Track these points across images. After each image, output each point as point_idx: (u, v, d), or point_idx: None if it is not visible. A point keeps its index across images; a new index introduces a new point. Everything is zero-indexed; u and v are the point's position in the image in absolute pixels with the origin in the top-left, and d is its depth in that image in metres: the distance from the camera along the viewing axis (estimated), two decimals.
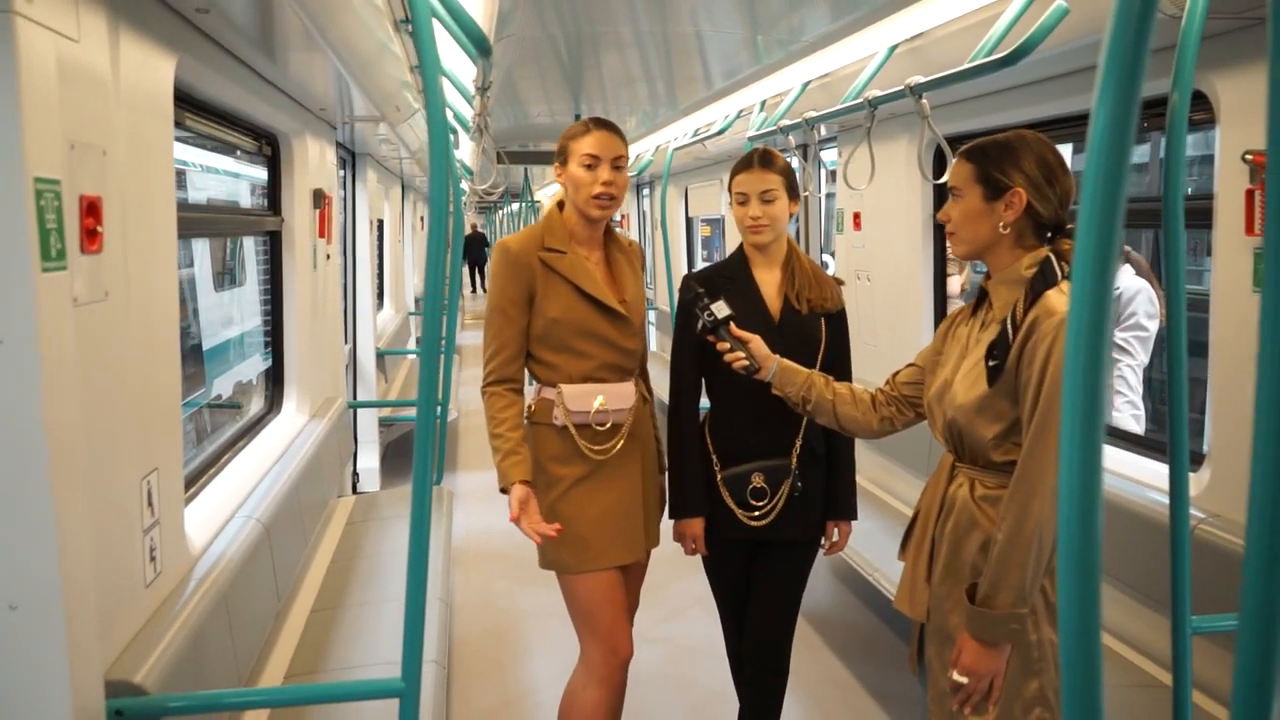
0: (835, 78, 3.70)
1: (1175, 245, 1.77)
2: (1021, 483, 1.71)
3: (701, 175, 7.70)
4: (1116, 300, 3.93)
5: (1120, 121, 0.81)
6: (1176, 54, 1.72)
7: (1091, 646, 0.84)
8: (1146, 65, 0.84)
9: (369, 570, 3.31)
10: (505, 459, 2.26)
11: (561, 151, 2.35)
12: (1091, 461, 0.86)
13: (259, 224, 3.66)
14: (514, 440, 2.28)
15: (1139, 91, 0.83)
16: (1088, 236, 0.82)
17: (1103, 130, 0.81)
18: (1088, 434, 0.85)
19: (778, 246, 2.47)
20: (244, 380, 4.34)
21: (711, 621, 3.98)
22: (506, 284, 2.31)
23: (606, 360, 2.35)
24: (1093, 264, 0.81)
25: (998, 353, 1.77)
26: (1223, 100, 2.41)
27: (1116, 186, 0.83)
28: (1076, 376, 0.84)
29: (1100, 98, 0.83)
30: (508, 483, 2.25)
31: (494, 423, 2.30)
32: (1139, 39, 0.82)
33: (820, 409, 2.18)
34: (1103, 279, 0.84)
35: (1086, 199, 0.83)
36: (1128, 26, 0.82)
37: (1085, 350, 0.82)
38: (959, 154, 1.88)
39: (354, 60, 2.94)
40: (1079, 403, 0.85)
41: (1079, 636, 0.84)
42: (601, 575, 2.35)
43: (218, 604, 2.15)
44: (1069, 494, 0.87)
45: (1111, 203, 0.82)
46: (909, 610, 1.96)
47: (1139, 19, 0.80)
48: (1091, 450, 0.86)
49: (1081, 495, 0.85)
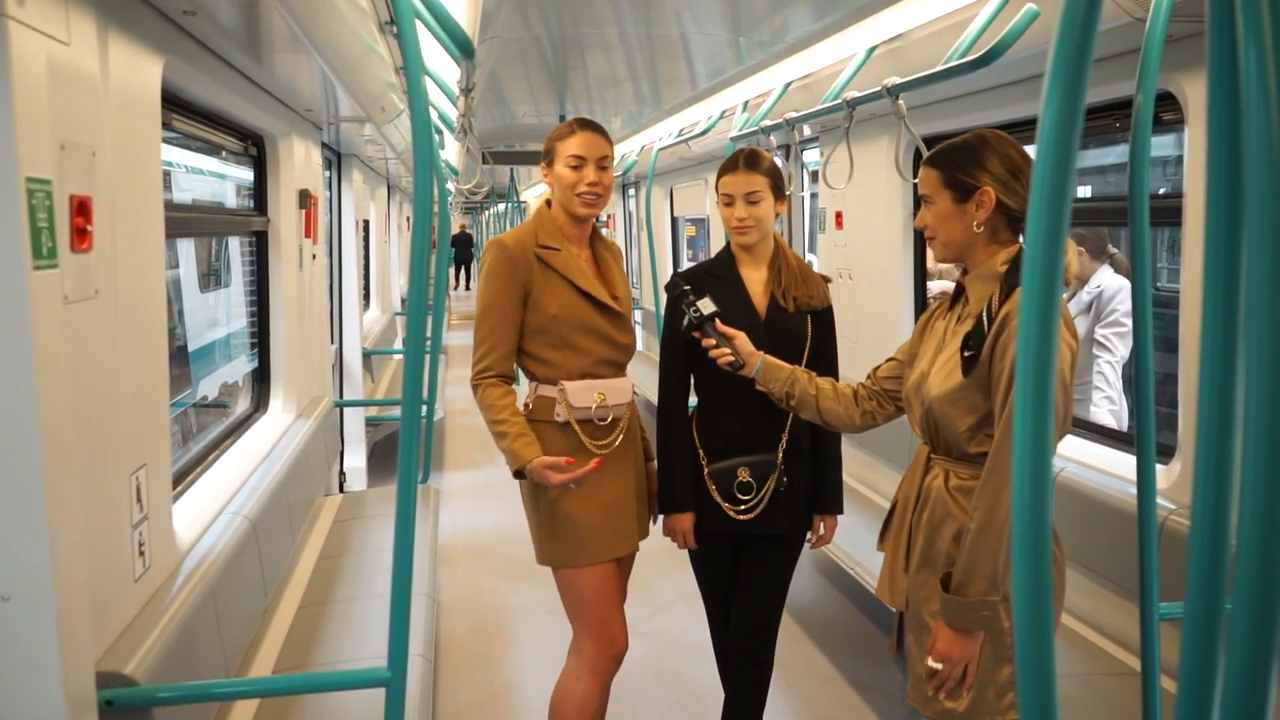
0: (816, 78, 3.74)
1: (1141, 243, 1.82)
2: (993, 474, 1.76)
3: (686, 175, 7.75)
4: (1097, 298, 3.99)
5: (1066, 121, 0.85)
6: (1141, 56, 1.77)
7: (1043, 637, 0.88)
8: (1090, 66, 0.88)
9: (356, 567, 3.34)
10: (515, 441, 2.27)
11: (548, 153, 2.39)
12: (1041, 456, 0.90)
13: (245, 224, 3.68)
14: (520, 424, 2.30)
15: (1084, 91, 0.87)
16: (1036, 235, 0.86)
17: (1050, 130, 0.85)
18: (1038, 429, 0.89)
19: (764, 245, 2.51)
20: (229, 382, 4.36)
21: (697, 616, 4.03)
22: (504, 279, 2.33)
23: (604, 356, 2.39)
24: (1040, 262, 0.86)
25: (973, 344, 1.81)
26: (1191, 101, 2.46)
27: (1063, 183, 0.88)
28: (1027, 369, 0.88)
29: (1048, 97, 0.88)
30: (523, 462, 2.25)
31: (494, 410, 2.31)
32: (1083, 40, 0.87)
33: (803, 404, 2.22)
34: (1050, 276, 0.88)
35: (1035, 196, 0.88)
36: (1073, 27, 0.86)
37: (1035, 344, 0.86)
38: (924, 161, 1.93)
39: (339, 62, 2.96)
40: (1029, 395, 0.89)
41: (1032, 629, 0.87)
42: (599, 569, 2.38)
43: (206, 598, 2.17)
44: (1021, 484, 0.91)
45: (1059, 200, 0.86)
46: (888, 599, 2.01)
47: (1084, 20, 0.84)
48: (1041, 444, 0.89)
49: (1032, 485, 0.89)
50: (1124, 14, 2.14)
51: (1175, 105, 2.56)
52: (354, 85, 3.35)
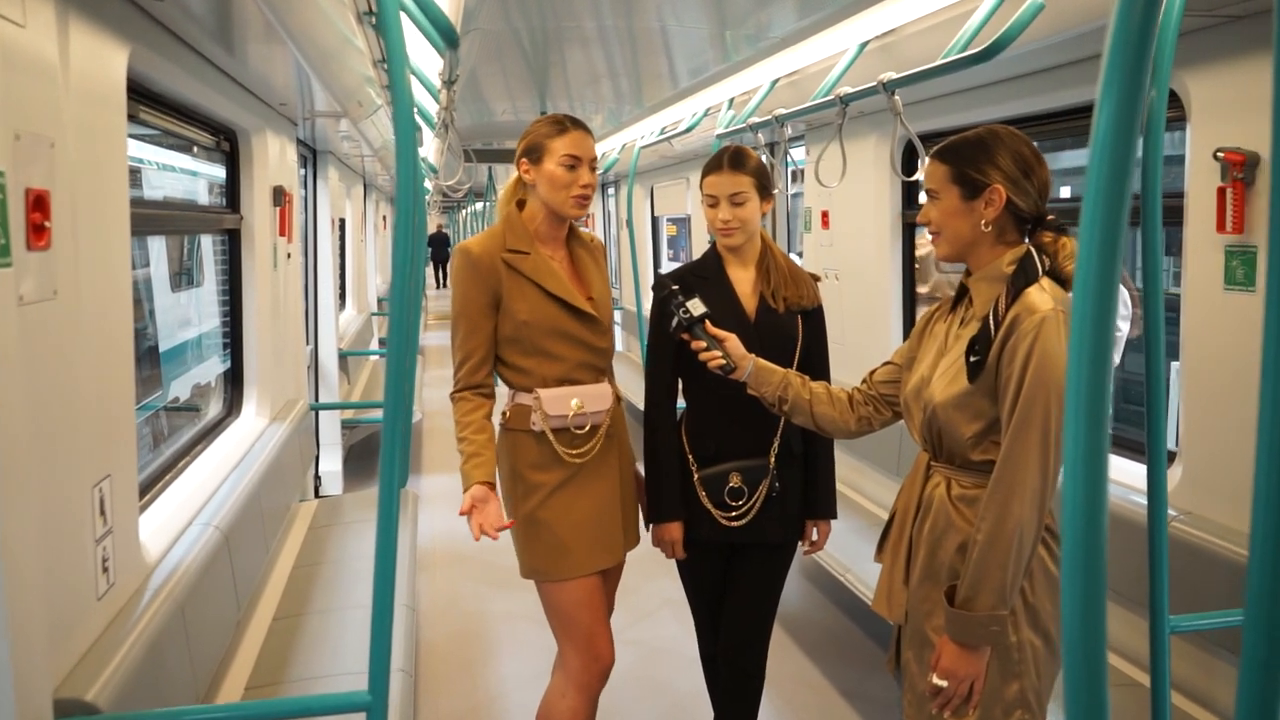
0: (804, 75, 3.68)
1: (1154, 244, 1.76)
2: (1000, 483, 1.69)
3: (667, 174, 7.67)
4: None
5: (1125, 117, 0.78)
6: (1153, 52, 1.70)
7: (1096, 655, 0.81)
8: (1151, 54, 0.81)
9: (333, 576, 3.23)
10: (468, 461, 2.22)
11: (535, 149, 2.28)
12: (1096, 469, 0.83)
13: (218, 222, 3.57)
14: (478, 443, 2.23)
15: (1145, 80, 0.80)
16: (1091, 236, 0.79)
17: (1107, 127, 0.77)
18: (1093, 439, 0.82)
19: (751, 245, 2.44)
20: (202, 383, 4.24)
21: (682, 623, 3.96)
22: (470, 288, 2.25)
23: (580, 360, 2.30)
24: (1097, 265, 0.78)
25: (979, 349, 1.74)
26: (1194, 98, 2.41)
27: (1121, 185, 0.80)
28: (1080, 380, 0.81)
29: (1104, 89, 0.80)
30: (468, 484, 2.20)
31: (459, 426, 2.26)
32: (1143, 33, 0.79)
33: (797, 409, 2.14)
34: (1106, 280, 0.81)
35: (1091, 195, 0.80)
36: (1131, 20, 0.78)
37: (1089, 354, 0.79)
38: (932, 155, 1.85)
39: (315, 53, 2.86)
40: (1083, 406, 0.81)
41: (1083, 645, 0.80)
42: (582, 581, 2.30)
43: (174, 615, 2.07)
44: (1074, 501, 0.84)
45: (1117, 202, 0.78)
46: (887, 613, 1.94)
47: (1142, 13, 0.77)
48: (1097, 457, 0.82)
49: (1086, 503, 0.82)
50: None
51: (1175, 103, 2.51)
52: (330, 78, 3.25)
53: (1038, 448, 1.66)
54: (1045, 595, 1.76)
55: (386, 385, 1.54)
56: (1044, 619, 1.76)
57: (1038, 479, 1.67)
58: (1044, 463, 1.67)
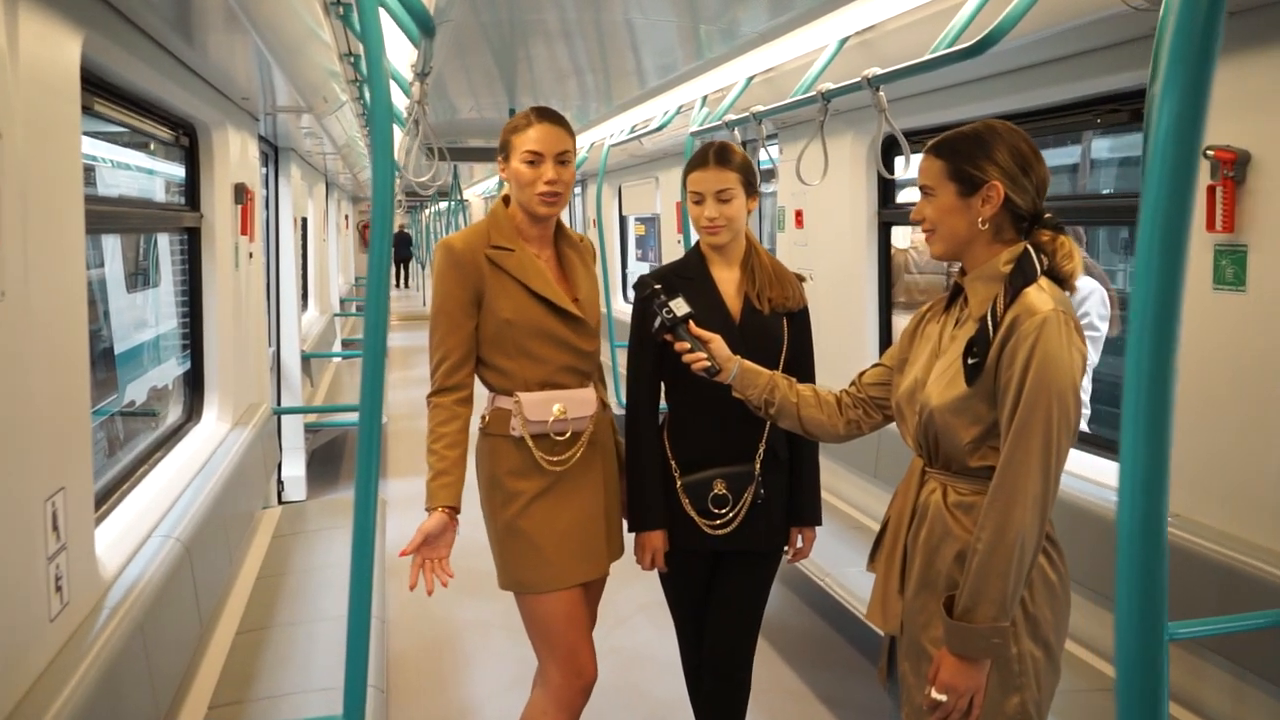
0: (779, 73, 3.63)
1: (1168, 245, 1.72)
2: (1001, 490, 1.63)
3: (636, 173, 7.59)
4: None
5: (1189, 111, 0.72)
6: (1155, 46, 1.66)
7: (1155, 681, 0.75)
8: (1218, 49, 0.75)
9: (298, 587, 3.12)
10: (435, 478, 2.12)
11: (504, 146, 2.21)
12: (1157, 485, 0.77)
13: (177, 220, 3.44)
14: (449, 459, 2.13)
15: (1211, 75, 0.74)
16: (1152, 236, 0.73)
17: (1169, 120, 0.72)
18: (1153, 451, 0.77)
19: (736, 244, 2.38)
20: (159, 386, 4.11)
21: (658, 629, 3.89)
22: (452, 285, 2.16)
23: (564, 364, 2.22)
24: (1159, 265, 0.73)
25: (977, 351, 1.68)
26: None
27: (1186, 180, 0.74)
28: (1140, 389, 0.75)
29: (1166, 84, 0.74)
30: (431, 505, 2.11)
31: (432, 437, 2.16)
32: (1210, 18, 0.73)
33: (783, 412, 2.08)
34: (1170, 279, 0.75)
35: (1150, 194, 0.74)
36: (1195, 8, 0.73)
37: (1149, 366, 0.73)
38: (927, 150, 1.79)
39: (279, 45, 2.75)
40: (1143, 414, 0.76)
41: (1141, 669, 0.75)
42: (564, 594, 2.21)
43: (133, 634, 1.96)
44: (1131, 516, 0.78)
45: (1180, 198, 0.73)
46: (881, 624, 1.88)
47: None
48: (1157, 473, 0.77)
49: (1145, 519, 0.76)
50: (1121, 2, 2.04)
51: None
52: (295, 72, 3.14)
53: (1039, 453, 1.61)
54: (1045, 604, 1.71)
55: (362, 388, 1.45)
56: (1044, 629, 1.71)
57: (1039, 485, 1.62)
58: (1045, 468, 1.62)
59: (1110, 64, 2.59)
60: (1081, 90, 2.76)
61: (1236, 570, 2.21)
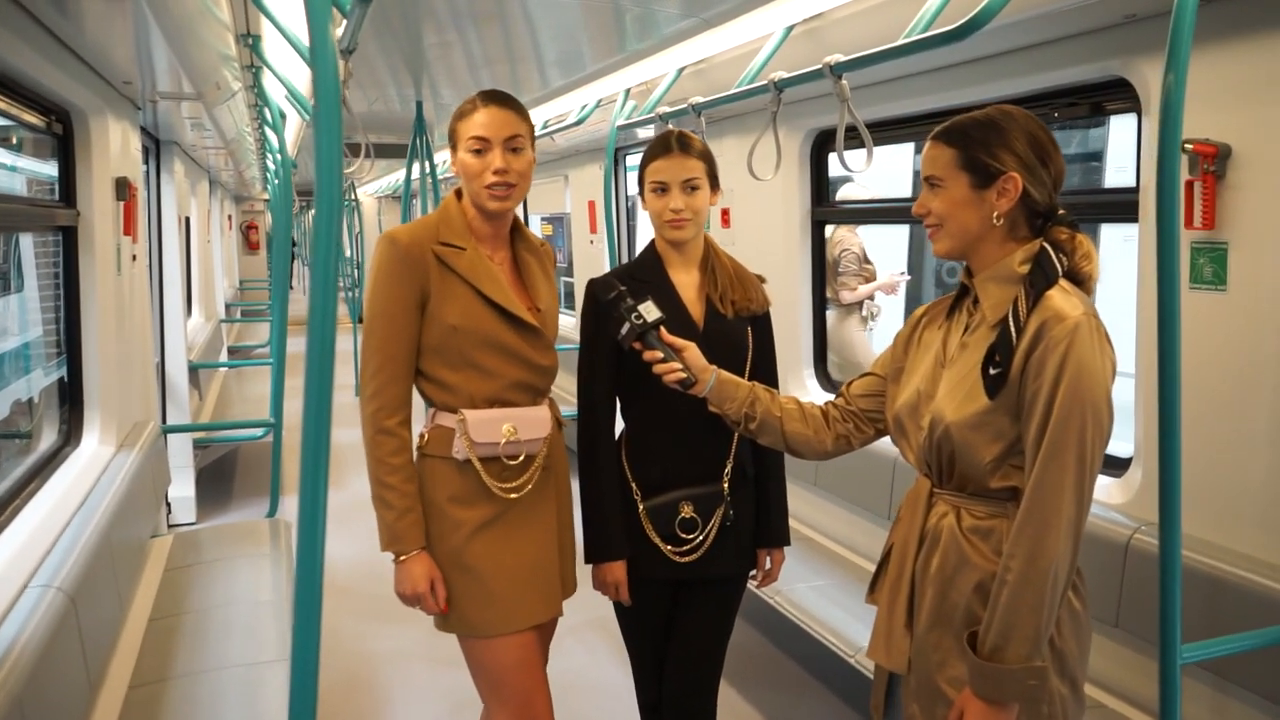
0: (710, 65, 3.45)
1: (1171, 241, 1.59)
2: (1032, 514, 1.47)
3: (544, 171, 7.33)
4: None
5: None
6: (1170, 31, 1.53)
7: None
8: None
9: (196, 630, 2.78)
10: (401, 518, 1.86)
11: (451, 135, 1.97)
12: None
13: (49, 218, 3.04)
14: (411, 495, 1.87)
15: None
16: None
17: None
18: None
19: (696, 243, 2.18)
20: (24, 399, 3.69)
21: (588, 651, 3.66)
22: (393, 284, 1.89)
23: (516, 379, 1.97)
24: None
25: (1000, 360, 1.52)
26: (1153, 87, 2.28)
27: None
28: None
29: None
30: (405, 549, 1.85)
31: (383, 469, 1.88)
32: None
33: (766, 428, 1.88)
34: None
35: None
36: None
37: None
38: (935, 137, 1.62)
39: (169, 23, 2.43)
40: None
41: None
42: (516, 638, 1.97)
43: (10, 710, 1.63)
44: None
45: None
46: (885, 661, 1.69)
47: None
48: None
49: None
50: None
51: (1129, 92, 2.39)
52: (185, 54, 2.80)
53: (1073, 472, 1.46)
54: (1071, 637, 1.55)
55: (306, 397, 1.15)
56: (1071, 664, 1.55)
57: (1074, 508, 1.46)
58: (1079, 489, 1.46)
59: (1067, 56, 2.49)
60: (1035, 84, 2.66)
61: (1221, 582, 2.12)
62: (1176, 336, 1.62)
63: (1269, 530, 2.13)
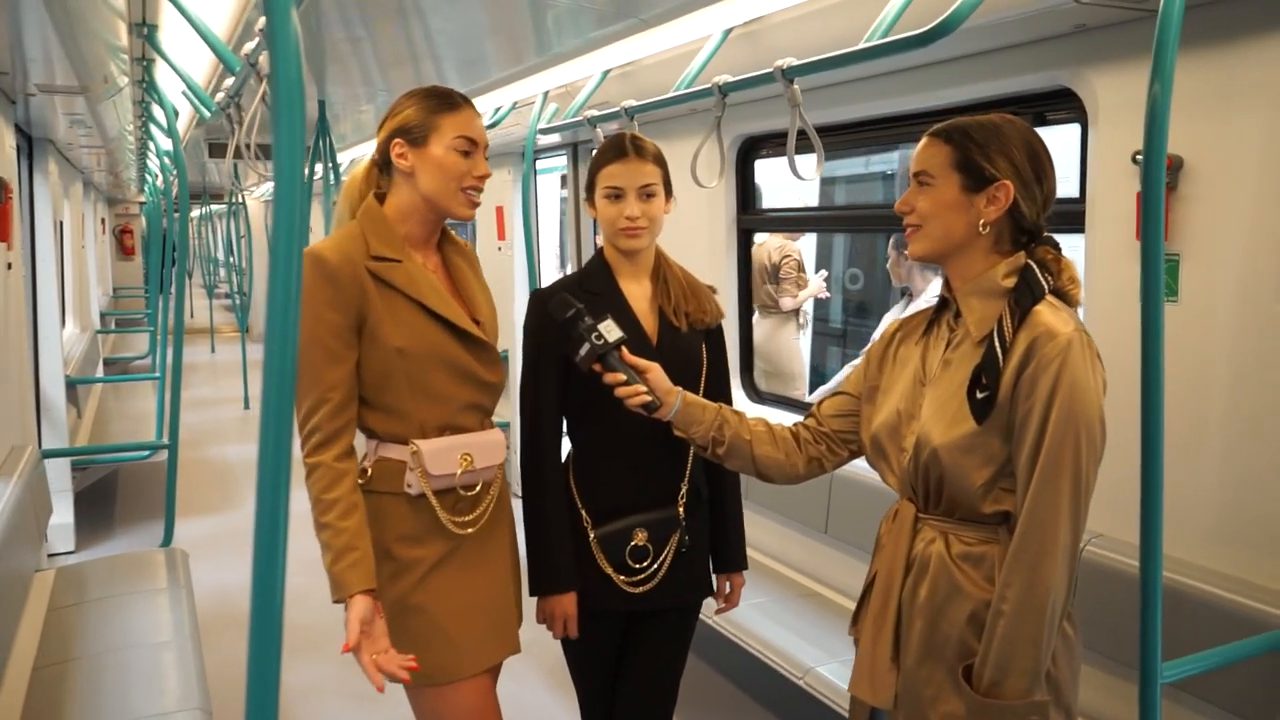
0: (638, 67, 3.35)
1: (1155, 251, 1.55)
2: (1028, 541, 1.40)
3: None
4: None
5: None
6: (1155, 41, 1.49)
7: None
8: None
9: (89, 678, 2.52)
10: (340, 559, 1.65)
11: (417, 127, 1.76)
12: None
13: None
14: (349, 531, 1.66)
15: None
16: None
17: None
18: None
19: (648, 253, 2.07)
20: None
21: (518, 683, 3.49)
22: (324, 308, 1.69)
23: (467, 400, 1.81)
24: None
25: (988, 381, 1.45)
26: (1101, 97, 2.27)
27: None
28: None
29: None
30: (346, 593, 1.64)
31: (318, 508, 1.67)
32: None
33: (735, 452, 1.77)
34: None
35: None
36: None
37: None
38: (932, 134, 1.54)
39: (55, 6, 2.19)
40: None
41: None
42: (473, 683, 1.81)
43: None
44: None
45: None
46: (870, 697, 1.60)
47: None
48: None
49: None
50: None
51: (1074, 103, 2.37)
52: (72, 42, 2.54)
53: (1069, 496, 1.40)
54: (1065, 665, 1.49)
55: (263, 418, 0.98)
56: (1066, 694, 1.49)
57: (1069, 535, 1.40)
58: (1075, 513, 1.41)
59: (1012, 65, 2.47)
60: (977, 93, 2.63)
61: (1178, 593, 2.11)
62: (1160, 352, 1.58)
63: (1220, 542, 2.13)
